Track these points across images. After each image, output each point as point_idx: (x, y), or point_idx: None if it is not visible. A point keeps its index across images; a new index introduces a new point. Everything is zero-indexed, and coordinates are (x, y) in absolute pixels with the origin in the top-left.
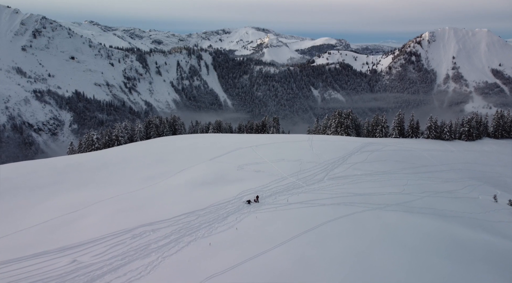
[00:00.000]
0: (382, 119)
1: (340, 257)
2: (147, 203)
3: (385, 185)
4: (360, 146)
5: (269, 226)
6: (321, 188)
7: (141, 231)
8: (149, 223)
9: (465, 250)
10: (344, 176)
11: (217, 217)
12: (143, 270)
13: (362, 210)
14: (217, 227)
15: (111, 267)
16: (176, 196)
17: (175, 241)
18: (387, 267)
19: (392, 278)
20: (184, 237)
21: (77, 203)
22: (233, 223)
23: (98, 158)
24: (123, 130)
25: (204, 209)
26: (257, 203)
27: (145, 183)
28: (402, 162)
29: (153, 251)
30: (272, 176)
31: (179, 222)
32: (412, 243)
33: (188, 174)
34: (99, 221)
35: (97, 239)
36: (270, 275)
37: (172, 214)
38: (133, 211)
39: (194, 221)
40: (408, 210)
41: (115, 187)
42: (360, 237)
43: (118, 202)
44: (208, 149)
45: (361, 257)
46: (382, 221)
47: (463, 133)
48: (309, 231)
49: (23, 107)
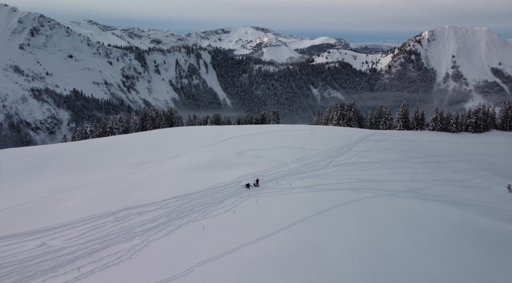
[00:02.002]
0: (385, 111)
1: (352, 242)
2: (136, 187)
3: (394, 173)
4: (365, 136)
5: (270, 209)
6: (326, 174)
7: (126, 214)
8: (135, 206)
9: (489, 238)
10: (350, 163)
11: (213, 200)
12: (123, 255)
13: (372, 195)
14: (212, 210)
15: (86, 252)
16: (168, 180)
17: (163, 224)
18: (406, 253)
19: (413, 265)
20: (174, 220)
21: (60, 186)
22: (231, 206)
23: (88, 145)
24: (118, 123)
25: (198, 192)
26: (257, 187)
27: (136, 168)
28: (409, 151)
29: (137, 235)
30: (273, 162)
31: (169, 205)
32: (431, 230)
33: (182, 159)
34: (80, 204)
35: (74, 222)
36: (273, 260)
37: (162, 197)
38: (119, 194)
39: (186, 204)
40: (421, 197)
41: (102, 172)
42: (372, 222)
43: (104, 186)
44: (205, 136)
45: (376, 242)
46: (395, 207)
47: (470, 125)
48: (315, 215)
49: (21, 106)
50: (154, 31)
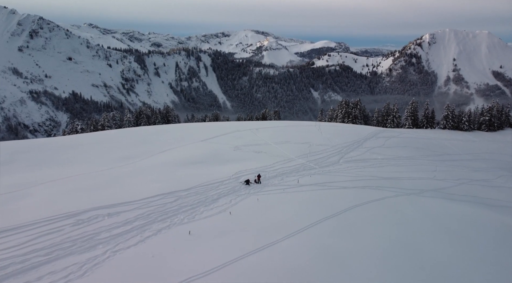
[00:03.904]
0: (393, 109)
1: (379, 251)
2: (113, 182)
3: (412, 170)
4: (374, 132)
5: (275, 209)
6: (338, 170)
7: (92, 215)
8: (107, 205)
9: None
10: (362, 159)
11: (205, 199)
12: (73, 272)
13: (393, 194)
14: (202, 211)
15: (21, 268)
16: (153, 175)
17: (138, 228)
18: (452, 266)
19: (453, 273)
20: (153, 223)
21: (23, 182)
22: (226, 206)
23: (70, 139)
24: (111, 120)
25: (188, 190)
26: (259, 184)
27: (120, 162)
28: (423, 149)
29: (100, 243)
30: (276, 157)
31: (150, 204)
32: (473, 237)
33: (173, 154)
34: (38, 202)
35: (22, 225)
36: (280, 274)
37: (143, 195)
38: (90, 191)
39: (171, 203)
40: (448, 197)
41: (79, 166)
42: (400, 226)
43: (75, 181)
44: (201, 130)
45: (411, 251)
46: (423, 208)
47: (483, 123)
48: (331, 217)
49: (19, 108)
50: (155, 34)
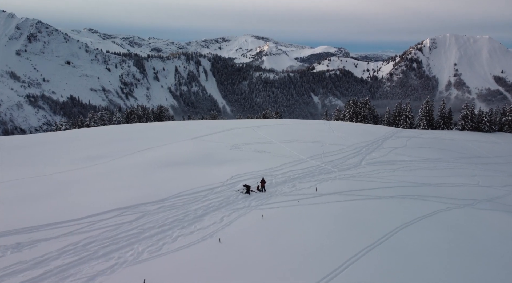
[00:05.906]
0: (406, 108)
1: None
2: (57, 192)
3: (450, 174)
4: (392, 132)
5: (289, 234)
6: (363, 175)
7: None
8: (23, 229)
9: None
10: (388, 161)
11: (184, 215)
12: None
13: (445, 207)
14: (176, 237)
15: None
16: (120, 179)
17: (59, 273)
18: None
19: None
20: (88, 261)
21: None
22: (214, 228)
23: (34, 138)
24: (98, 120)
25: (161, 201)
26: (263, 192)
27: (84, 163)
28: (449, 150)
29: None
30: (283, 158)
31: (95, 225)
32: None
33: (154, 153)
34: None
35: None
36: None
37: (91, 211)
38: (13, 204)
39: (130, 223)
40: (506, 208)
41: (28, 169)
42: (472, 255)
43: (8, 189)
44: (192, 128)
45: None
46: (488, 225)
47: (506, 124)
48: (374, 245)
49: (16, 112)
50: (154, 39)
